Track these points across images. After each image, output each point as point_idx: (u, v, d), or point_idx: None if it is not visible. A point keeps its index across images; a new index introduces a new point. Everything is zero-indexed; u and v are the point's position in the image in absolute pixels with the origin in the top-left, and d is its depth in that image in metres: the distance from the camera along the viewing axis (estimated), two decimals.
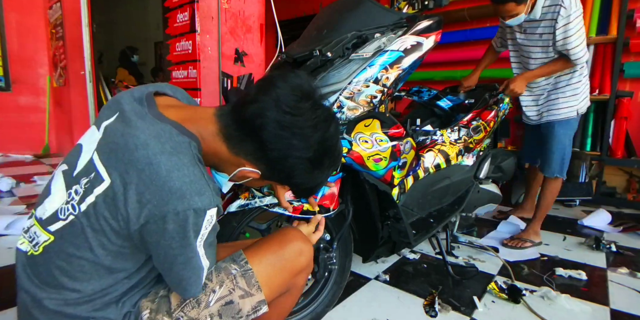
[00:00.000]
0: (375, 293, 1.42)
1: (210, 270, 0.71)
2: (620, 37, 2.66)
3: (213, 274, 0.71)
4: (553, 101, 1.86)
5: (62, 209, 0.65)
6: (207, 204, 0.62)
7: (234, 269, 0.73)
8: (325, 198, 1.03)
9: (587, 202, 2.83)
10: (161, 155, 0.60)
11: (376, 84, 0.99)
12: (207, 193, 0.62)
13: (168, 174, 0.59)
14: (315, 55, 0.97)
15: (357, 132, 0.98)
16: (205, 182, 0.62)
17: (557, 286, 1.50)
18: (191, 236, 0.62)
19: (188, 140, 0.64)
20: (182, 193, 0.59)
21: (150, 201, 0.59)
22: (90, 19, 3.06)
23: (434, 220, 1.38)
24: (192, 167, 0.61)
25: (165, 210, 0.59)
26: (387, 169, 1.03)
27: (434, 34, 1.10)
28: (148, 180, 0.59)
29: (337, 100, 0.96)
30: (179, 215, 0.60)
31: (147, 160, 0.59)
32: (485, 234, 2.13)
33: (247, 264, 0.74)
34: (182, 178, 0.60)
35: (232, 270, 0.72)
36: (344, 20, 1.07)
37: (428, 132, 1.44)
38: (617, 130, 2.76)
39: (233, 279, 0.72)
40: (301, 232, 0.84)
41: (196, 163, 0.63)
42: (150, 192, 0.59)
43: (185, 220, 0.60)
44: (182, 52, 2.12)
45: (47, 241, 0.66)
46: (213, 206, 0.63)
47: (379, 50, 1.02)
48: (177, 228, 0.60)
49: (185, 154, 0.62)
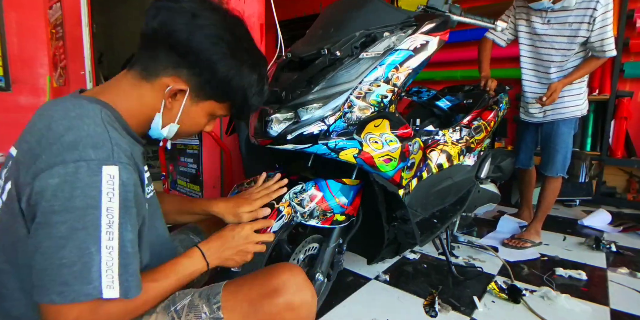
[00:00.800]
0: (375, 293, 1.42)
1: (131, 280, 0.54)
2: (620, 37, 2.66)
3: (184, 310, 0.64)
4: (560, 99, 1.83)
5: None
6: (103, 158, 0.53)
7: (204, 313, 0.63)
8: (353, 207, 1.05)
9: (587, 202, 2.83)
10: (62, 119, 0.55)
11: (387, 84, 0.98)
12: (105, 147, 0.53)
13: (65, 131, 0.53)
14: (323, 54, 0.95)
15: (367, 132, 0.96)
16: (107, 138, 0.55)
17: (557, 286, 1.50)
18: (80, 199, 0.50)
19: (99, 107, 0.58)
20: (74, 144, 0.52)
21: (40, 156, 0.52)
22: (90, 19, 3.06)
23: (438, 221, 1.38)
24: (94, 126, 0.55)
25: (53, 162, 0.51)
26: (397, 169, 1.02)
27: (442, 33, 1.10)
28: (45, 142, 0.53)
29: (348, 100, 0.94)
30: (67, 167, 0.51)
31: (47, 125, 0.55)
32: (485, 234, 2.13)
33: (218, 311, 0.63)
34: (78, 132, 0.53)
35: (202, 313, 0.63)
36: (351, 19, 1.06)
37: (430, 132, 1.43)
38: (617, 130, 2.76)
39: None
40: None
41: (102, 124, 0.56)
42: (43, 149, 0.53)
43: (73, 174, 0.51)
44: None
45: None
46: (112, 163, 0.53)
47: (388, 49, 1.00)
48: (62, 184, 0.50)
49: (91, 117, 0.56)
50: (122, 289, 0.53)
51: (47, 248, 0.50)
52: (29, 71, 4.24)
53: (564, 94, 1.82)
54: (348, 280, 1.50)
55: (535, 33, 1.80)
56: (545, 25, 1.76)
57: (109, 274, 0.52)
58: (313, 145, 0.91)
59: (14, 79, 4.16)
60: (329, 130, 0.92)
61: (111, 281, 0.52)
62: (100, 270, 0.51)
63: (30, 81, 4.24)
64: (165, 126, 0.69)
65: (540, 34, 1.79)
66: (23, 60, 4.19)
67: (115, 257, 0.52)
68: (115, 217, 0.53)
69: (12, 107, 4.11)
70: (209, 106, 0.70)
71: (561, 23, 1.70)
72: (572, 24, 1.68)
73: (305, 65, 1.01)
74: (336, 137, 0.92)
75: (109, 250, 0.52)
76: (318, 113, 0.92)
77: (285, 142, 0.92)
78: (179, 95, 0.66)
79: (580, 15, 1.63)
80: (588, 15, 1.61)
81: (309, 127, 0.90)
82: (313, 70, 0.96)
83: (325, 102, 0.92)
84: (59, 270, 0.50)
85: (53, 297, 0.50)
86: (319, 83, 0.94)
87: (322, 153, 0.92)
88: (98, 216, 0.51)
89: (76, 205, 0.50)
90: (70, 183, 0.51)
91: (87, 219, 0.51)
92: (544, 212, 2.00)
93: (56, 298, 0.50)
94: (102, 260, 0.51)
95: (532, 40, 1.85)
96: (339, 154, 0.91)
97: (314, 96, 0.92)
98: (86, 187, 0.51)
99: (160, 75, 0.64)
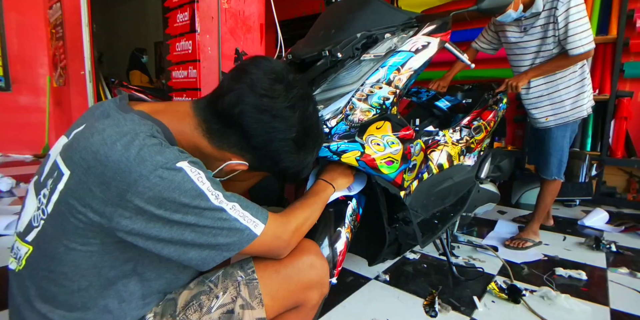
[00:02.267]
0: (375, 293, 1.42)
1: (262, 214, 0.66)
2: (620, 37, 2.66)
3: (220, 278, 0.70)
4: (559, 104, 1.82)
5: (35, 216, 0.63)
6: (173, 158, 0.56)
7: (240, 276, 0.70)
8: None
9: (587, 202, 2.84)
10: (116, 135, 0.56)
11: (389, 86, 0.97)
12: (167, 151, 0.57)
13: (124, 148, 0.55)
14: (324, 55, 0.94)
15: (369, 134, 0.95)
16: (161, 147, 0.57)
17: (557, 286, 1.50)
18: (184, 196, 0.56)
19: (151, 124, 0.61)
20: (142, 158, 0.54)
21: (113, 178, 0.54)
22: (90, 19, 3.07)
23: (439, 221, 1.38)
24: (147, 139, 0.57)
25: (132, 180, 0.53)
26: (399, 171, 1.01)
27: (444, 35, 1.09)
28: (104, 159, 0.54)
29: (350, 102, 0.93)
30: (150, 179, 0.53)
31: (102, 141, 0.55)
32: (485, 234, 2.14)
33: (253, 273, 0.71)
34: (137, 147, 0.55)
35: (237, 277, 0.70)
36: (353, 20, 1.05)
37: (430, 132, 1.43)
38: (617, 130, 2.76)
39: (237, 287, 0.69)
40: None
41: (153, 137, 0.58)
42: (109, 169, 0.54)
43: (160, 181, 0.54)
44: (182, 52, 2.12)
45: (27, 253, 0.63)
46: (182, 159, 0.57)
47: (390, 50, 1.00)
48: (159, 193, 0.54)
49: (144, 132, 0.58)
50: (261, 219, 0.65)
51: (192, 233, 0.58)
52: (29, 71, 4.25)
53: (562, 97, 1.81)
54: (348, 280, 1.50)
55: (515, 42, 1.85)
56: (522, 33, 1.81)
57: (247, 219, 0.62)
58: None
59: (14, 79, 4.17)
60: (331, 133, 0.91)
61: (253, 222, 0.63)
62: (240, 222, 0.61)
63: (30, 81, 4.25)
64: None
65: (519, 42, 1.83)
66: (23, 60, 4.19)
67: (239, 208, 0.62)
68: (215, 191, 0.60)
69: (12, 107, 4.12)
70: (262, 175, 0.83)
71: (534, 27, 1.75)
72: (542, 26, 1.72)
73: (306, 66, 1.00)
74: (338, 139, 0.91)
75: (233, 209, 0.61)
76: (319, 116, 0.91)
77: None
78: (237, 168, 0.72)
79: (546, 16, 1.69)
80: (552, 15, 1.66)
81: None
82: (314, 72, 0.95)
83: (327, 105, 0.92)
84: (216, 241, 0.60)
85: (225, 254, 0.61)
86: (320, 85, 0.94)
87: (324, 156, 0.91)
88: (207, 198, 0.58)
89: (185, 203, 0.56)
90: (165, 190, 0.55)
91: (202, 205, 0.58)
92: (541, 212, 2.01)
93: (229, 254, 0.62)
94: (235, 216, 0.61)
95: (512, 49, 1.89)
96: (341, 157, 0.91)
97: (315, 98, 0.92)
98: (180, 185, 0.56)
99: (224, 149, 0.68)
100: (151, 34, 5.75)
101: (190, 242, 0.59)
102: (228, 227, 0.60)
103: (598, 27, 2.80)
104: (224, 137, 0.67)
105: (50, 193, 0.60)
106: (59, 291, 0.61)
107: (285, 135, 0.67)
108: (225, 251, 0.61)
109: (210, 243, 0.60)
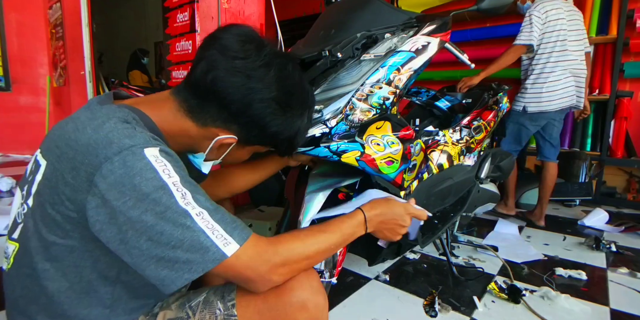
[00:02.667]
0: (375, 293, 1.42)
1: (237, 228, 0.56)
2: (620, 37, 2.66)
3: (200, 306, 0.65)
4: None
5: (19, 213, 0.61)
6: (141, 143, 0.53)
7: (218, 309, 0.63)
8: None
9: (587, 202, 2.84)
10: (88, 121, 0.55)
11: (389, 86, 0.97)
12: (137, 135, 0.54)
13: (94, 131, 0.53)
14: (324, 55, 0.93)
15: (369, 134, 0.95)
16: (133, 130, 0.54)
17: (557, 286, 1.50)
18: (144, 184, 0.51)
19: (127, 111, 0.58)
20: (109, 140, 0.52)
21: (82, 162, 0.52)
22: (90, 19, 3.06)
23: (439, 221, 1.38)
24: (119, 123, 0.55)
25: (97, 163, 0.51)
26: (399, 171, 1.01)
27: (444, 35, 1.09)
28: (74, 144, 0.53)
29: (350, 102, 0.93)
30: (114, 162, 0.51)
31: (75, 127, 0.55)
32: (485, 234, 2.14)
33: (233, 308, 0.63)
34: (106, 129, 0.53)
35: (216, 310, 0.64)
36: (353, 20, 1.05)
37: (430, 132, 1.43)
38: (617, 130, 2.77)
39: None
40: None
41: (126, 122, 0.56)
42: (79, 153, 0.52)
43: (123, 165, 0.51)
44: (182, 52, 2.12)
45: (14, 251, 0.61)
46: (151, 146, 0.54)
47: (390, 50, 0.99)
48: (119, 178, 0.50)
49: (117, 117, 0.56)
50: (237, 238, 0.54)
51: (148, 241, 0.51)
52: (29, 71, 4.25)
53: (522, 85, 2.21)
54: (348, 280, 1.50)
55: None
56: None
57: (217, 235, 0.53)
58: (315, 148, 0.90)
59: (14, 79, 4.17)
60: (331, 133, 0.91)
61: (223, 239, 0.53)
62: (206, 235, 0.52)
63: (30, 81, 4.25)
64: (207, 161, 0.70)
65: None
66: (23, 60, 4.19)
67: (209, 218, 0.53)
68: (184, 189, 0.53)
69: (12, 107, 4.12)
70: (255, 148, 0.73)
71: None
72: None
73: (306, 66, 1.00)
74: (338, 139, 0.91)
75: (200, 216, 0.53)
76: (319, 115, 0.91)
77: None
78: (227, 142, 0.67)
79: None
80: None
81: (311, 130, 0.90)
82: (314, 72, 0.95)
83: (327, 105, 0.92)
84: (174, 254, 0.51)
85: (186, 276, 0.52)
86: (320, 85, 0.94)
87: (324, 156, 0.91)
88: (170, 193, 0.52)
89: (145, 192, 0.50)
90: (126, 175, 0.50)
91: (162, 200, 0.51)
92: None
93: (190, 276, 0.52)
94: (202, 227, 0.52)
95: None
96: (341, 157, 0.91)
97: (315, 98, 0.92)
98: (142, 172, 0.51)
99: (209, 125, 0.65)
100: (151, 34, 5.75)
101: (146, 253, 0.51)
102: (190, 239, 0.51)
103: (598, 27, 2.80)
104: (205, 111, 0.63)
105: (29, 186, 0.59)
106: (40, 293, 0.59)
107: (263, 95, 0.62)
108: (186, 272, 0.51)
109: (167, 257, 0.51)
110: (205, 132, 0.65)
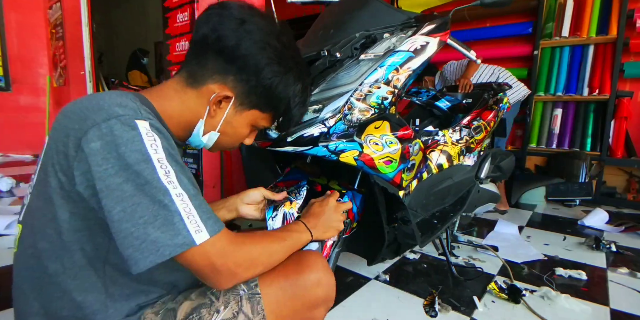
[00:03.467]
0: (375, 293, 1.42)
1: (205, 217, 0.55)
2: (620, 37, 2.66)
3: (221, 291, 0.66)
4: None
5: (27, 194, 0.63)
6: (132, 114, 0.53)
7: (242, 290, 0.65)
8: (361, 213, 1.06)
9: (587, 202, 2.84)
10: (90, 97, 0.56)
11: (387, 86, 0.97)
12: (130, 106, 0.54)
13: (88, 100, 0.55)
14: (323, 55, 0.94)
15: (368, 134, 0.95)
16: (127, 101, 0.55)
17: (557, 286, 1.50)
18: (129, 155, 0.50)
19: (127, 93, 0.60)
20: (99, 106, 0.53)
21: (72, 128, 0.52)
22: (90, 19, 3.06)
23: (438, 221, 1.38)
24: (114, 96, 0.56)
25: (85, 127, 0.51)
26: (397, 171, 1.01)
27: (442, 35, 1.09)
28: (70, 113, 0.54)
29: (348, 102, 0.93)
30: (101, 128, 0.50)
31: (73, 102, 0.56)
32: (485, 234, 2.14)
33: (256, 287, 0.66)
34: (99, 98, 0.55)
35: (240, 291, 0.65)
36: (352, 20, 1.05)
37: (430, 132, 1.43)
38: (617, 130, 2.77)
39: (239, 301, 0.65)
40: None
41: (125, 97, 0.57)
42: (71, 120, 0.53)
43: (110, 133, 0.50)
44: (182, 52, 2.12)
45: (19, 233, 0.62)
46: (143, 118, 0.53)
47: (389, 50, 1.00)
48: (104, 145, 0.50)
49: (116, 94, 0.57)
50: (209, 228, 0.53)
51: (121, 212, 0.50)
52: (29, 71, 4.25)
53: None
54: (348, 280, 1.50)
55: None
56: None
57: (191, 220, 0.52)
58: (313, 148, 0.90)
59: (14, 79, 4.17)
60: (329, 132, 0.91)
61: (196, 226, 0.52)
62: (182, 219, 0.51)
63: (30, 81, 4.25)
64: (206, 133, 0.70)
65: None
66: (23, 60, 4.20)
67: (188, 201, 0.52)
68: (169, 167, 0.53)
69: (12, 107, 4.12)
70: (252, 116, 0.71)
71: None
72: None
73: None
74: (336, 139, 0.91)
75: (180, 197, 0.52)
76: (318, 115, 0.92)
77: (285, 144, 0.92)
78: (224, 103, 0.67)
79: None
80: None
81: (309, 129, 0.90)
82: (313, 72, 0.95)
83: (325, 104, 0.92)
84: (144, 230, 0.50)
85: (152, 258, 0.50)
86: (319, 85, 0.94)
87: (322, 155, 0.91)
88: (153, 168, 0.51)
89: (128, 162, 0.50)
90: (112, 142, 0.50)
91: (145, 173, 0.50)
92: None
93: (156, 258, 0.50)
94: (179, 208, 0.51)
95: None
96: (340, 156, 0.91)
97: (314, 98, 0.92)
98: (129, 143, 0.51)
99: (207, 82, 0.65)
100: (151, 34, 5.75)
101: (116, 225, 0.50)
102: (163, 217, 0.50)
103: (598, 27, 2.80)
104: (202, 66, 0.65)
105: (37, 167, 0.60)
106: (42, 273, 0.59)
107: (259, 36, 0.64)
108: (152, 253, 0.50)
109: (136, 233, 0.49)
110: (204, 92, 0.66)
